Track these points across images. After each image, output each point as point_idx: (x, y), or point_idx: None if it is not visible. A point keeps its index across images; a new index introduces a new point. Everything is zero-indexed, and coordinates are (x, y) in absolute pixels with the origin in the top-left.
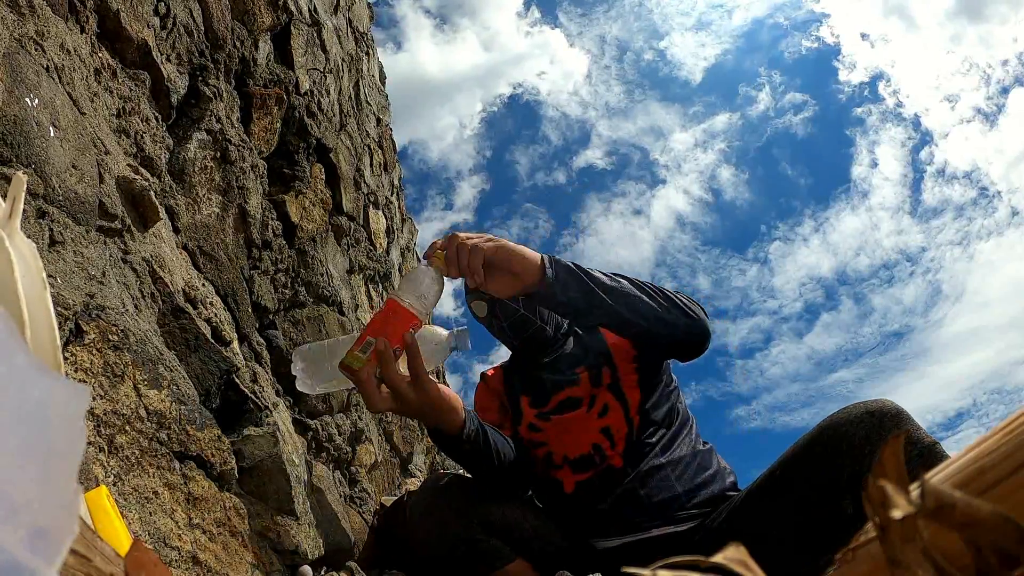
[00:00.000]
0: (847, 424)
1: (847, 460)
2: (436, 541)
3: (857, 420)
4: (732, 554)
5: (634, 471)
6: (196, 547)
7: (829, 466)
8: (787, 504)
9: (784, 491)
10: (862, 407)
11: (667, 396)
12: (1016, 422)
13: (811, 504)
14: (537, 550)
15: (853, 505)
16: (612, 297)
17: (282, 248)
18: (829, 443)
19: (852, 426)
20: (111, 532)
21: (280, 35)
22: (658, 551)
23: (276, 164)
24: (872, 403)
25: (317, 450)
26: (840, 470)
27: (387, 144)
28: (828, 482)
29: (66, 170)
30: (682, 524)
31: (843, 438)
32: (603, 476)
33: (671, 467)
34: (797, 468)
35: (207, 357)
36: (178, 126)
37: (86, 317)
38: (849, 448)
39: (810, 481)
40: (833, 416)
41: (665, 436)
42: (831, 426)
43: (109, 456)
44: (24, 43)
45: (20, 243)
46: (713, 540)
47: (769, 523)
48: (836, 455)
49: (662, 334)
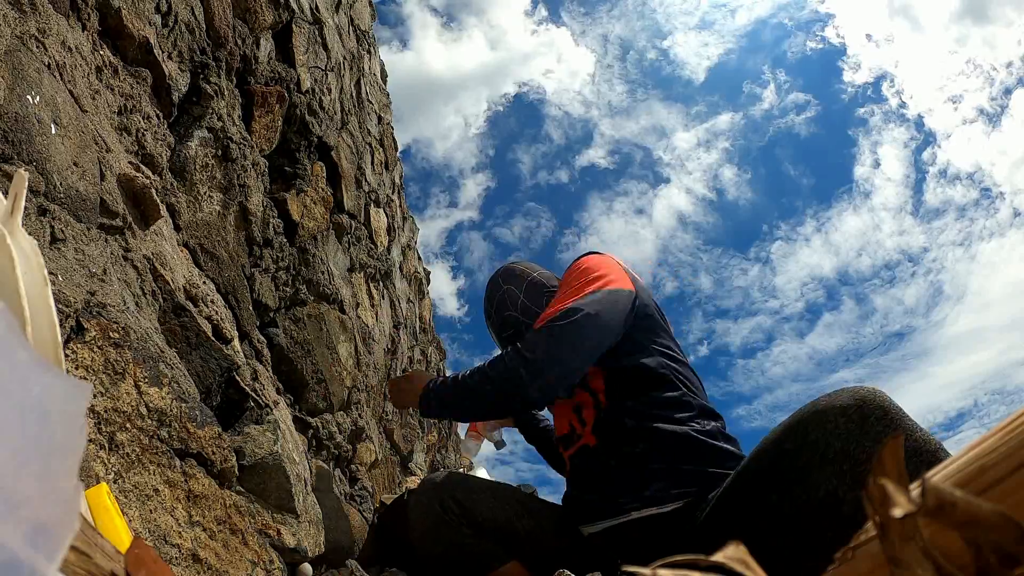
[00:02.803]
0: (817, 428)
1: (821, 476)
2: (431, 543)
3: (830, 423)
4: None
5: (607, 449)
6: (196, 545)
7: (800, 484)
8: (757, 525)
9: (752, 509)
10: (835, 404)
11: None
12: (1016, 421)
13: (783, 529)
14: (530, 551)
15: (834, 531)
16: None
17: (283, 246)
18: (797, 454)
19: (823, 431)
20: (111, 529)
21: (281, 33)
22: (640, 534)
23: (277, 162)
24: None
25: (318, 448)
26: (814, 489)
27: (388, 142)
28: (801, 501)
29: (67, 168)
30: (665, 505)
31: (814, 448)
32: (581, 454)
33: (645, 444)
34: (762, 484)
35: (208, 355)
36: (179, 124)
37: (87, 314)
38: (823, 461)
39: (779, 502)
40: (798, 414)
41: (642, 415)
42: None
43: (110, 453)
44: (25, 40)
45: (22, 240)
46: (698, 531)
47: (749, 525)
48: (807, 469)
49: (512, 408)
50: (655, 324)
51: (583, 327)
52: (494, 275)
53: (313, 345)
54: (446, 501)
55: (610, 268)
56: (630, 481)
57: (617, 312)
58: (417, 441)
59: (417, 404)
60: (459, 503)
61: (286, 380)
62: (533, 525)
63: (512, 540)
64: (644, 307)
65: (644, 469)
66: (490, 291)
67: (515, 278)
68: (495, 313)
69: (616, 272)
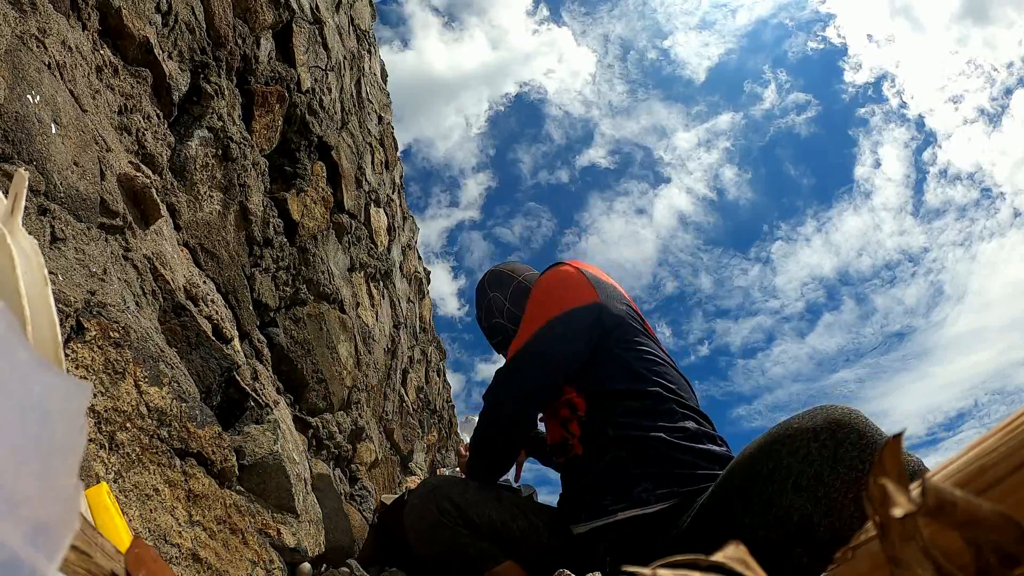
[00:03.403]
0: (789, 454)
1: (795, 501)
2: (428, 543)
3: (803, 448)
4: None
5: (593, 457)
6: (196, 544)
7: (773, 508)
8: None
9: (727, 528)
10: (807, 427)
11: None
12: (1016, 421)
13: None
14: (526, 551)
15: (808, 556)
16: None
17: (283, 246)
18: (770, 478)
19: (796, 458)
20: (112, 529)
21: (282, 33)
22: (627, 533)
23: (277, 162)
24: (818, 417)
25: (318, 448)
26: (787, 514)
27: (388, 142)
28: (774, 524)
29: (67, 167)
30: (650, 506)
31: (787, 474)
32: (572, 462)
33: (628, 450)
34: (737, 505)
35: (208, 354)
36: (179, 123)
37: (87, 314)
38: (796, 488)
39: (753, 524)
40: (773, 435)
41: (621, 424)
42: (769, 453)
43: (110, 453)
44: (26, 40)
45: (22, 240)
46: (683, 535)
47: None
48: (780, 494)
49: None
50: (627, 328)
51: (531, 365)
52: (481, 281)
53: (313, 345)
54: (443, 503)
55: (566, 287)
56: (616, 484)
57: (576, 333)
58: (417, 441)
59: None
60: (456, 505)
61: (286, 380)
62: (528, 526)
63: (508, 540)
64: (612, 315)
65: (628, 473)
66: (478, 298)
67: (500, 285)
68: (484, 319)
69: (573, 290)
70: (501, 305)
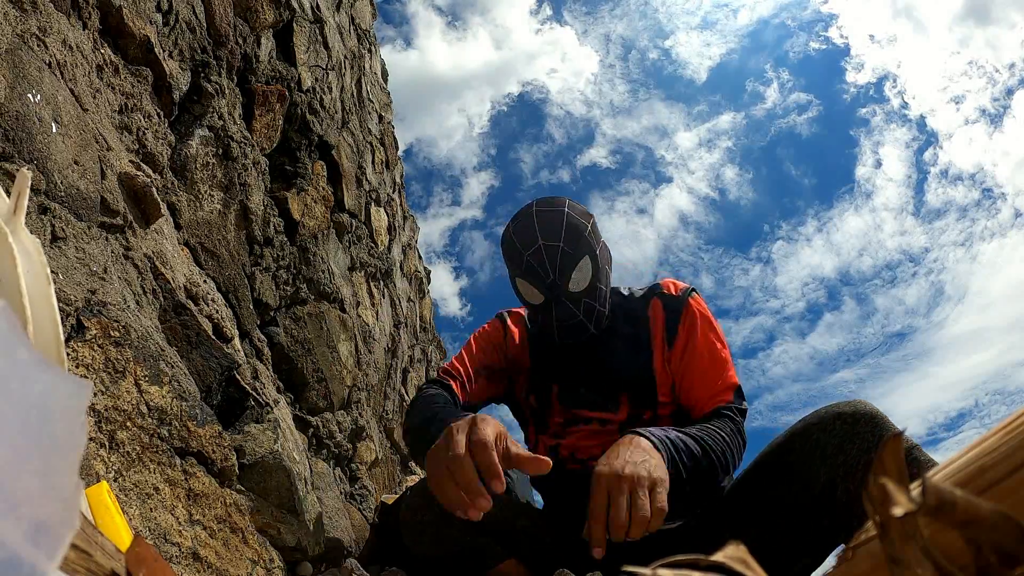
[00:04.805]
0: (819, 431)
1: (821, 469)
2: (427, 541)
3: (829, 426)
4: (732, 553)
5: None
6: (196, 543)
7: (802, 476)
8: (761, 514)
9: (757, 500)
10: (834, 411)
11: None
12: (1017, 421)
13: (786, 516)
14: (528, 549)
15: (829, 518)
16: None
17: (283, 245)
18: (801, 451)
19: (825, 433)
20: (112, 528)
21: (282, 32)
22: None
23: (278, 161)
24: (843, 406)
25: (318, 447)
26: (815, 480)
27: (389, 141)
28: (802, 491)
29: (68, 166)
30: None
31: (816, 446)
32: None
33: None
34: (769, 477)
35: (208, 354)
36: (180, 122)
37: (87, 313)
38: (823, 457)
39: (782, 493)
40: (805, 421)
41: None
42: (803, 433)
43: (110, 452)
44: (26, 39)
45: (24, 239)
46: (691, 538)
47: (744, 532)
48: (809, 464)
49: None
50: None
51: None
52: (573, 216)
53: (313, 344)
54: None
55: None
56: None
57: None
58: None
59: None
60: None
61: (286, 379)
62: (530, 524)
63: (510, 538)
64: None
65: None
66: (571, 233)
67: (598, 233)
68: (592, 276)
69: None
70: (608, 264)
